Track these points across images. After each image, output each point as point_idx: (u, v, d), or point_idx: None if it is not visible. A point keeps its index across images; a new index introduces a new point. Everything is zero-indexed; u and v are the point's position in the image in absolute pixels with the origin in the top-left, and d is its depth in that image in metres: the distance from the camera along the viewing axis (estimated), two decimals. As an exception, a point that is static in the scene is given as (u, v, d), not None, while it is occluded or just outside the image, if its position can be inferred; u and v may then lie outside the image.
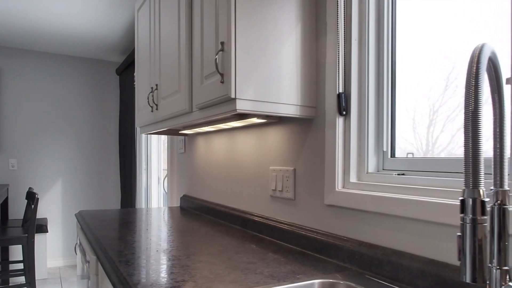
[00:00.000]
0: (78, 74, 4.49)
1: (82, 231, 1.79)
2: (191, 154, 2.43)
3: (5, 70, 4.11)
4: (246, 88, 1.16)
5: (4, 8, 3.03)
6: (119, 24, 3.37)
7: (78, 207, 4.53)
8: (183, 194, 2.54)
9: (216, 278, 0.99)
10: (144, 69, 2.08)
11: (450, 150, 1.07)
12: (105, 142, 4.66)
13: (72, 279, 4.03)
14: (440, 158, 1.04)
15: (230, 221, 1.82)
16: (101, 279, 1.32)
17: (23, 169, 4.22)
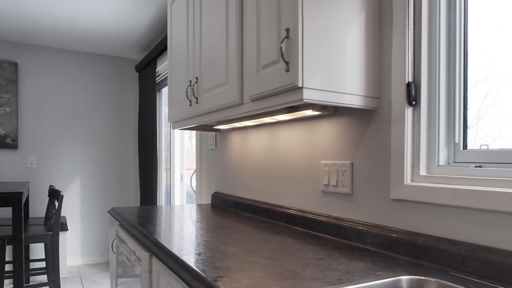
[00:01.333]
0: (97, 71, 4.46)
1: (123, 228, 1.74)
2: (223, 150, 2.38)
3: (23, 67, 4.09)
4: (312, 77, 1.11)
5: (26, 4, 3.00)
6: (142, 21, 3.33)
7: (96, 205, 4.50)
8: (214, 191, 2.50)
9: (292, 275, 0.94)
10: (180, 63, 2.04)
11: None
12: (123, 140, 4.63)
13: (92, 278, 4.00)
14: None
15: (274, 218, 1.77)
16: (156, 276, 1.27)
17: (42, 167, 4.19)
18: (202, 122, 1.84)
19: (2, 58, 3.98)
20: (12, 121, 3.99)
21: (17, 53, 4.05)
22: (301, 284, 0.87)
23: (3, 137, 3.95)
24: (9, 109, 3.97)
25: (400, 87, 1.17)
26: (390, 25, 1.22)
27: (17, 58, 4.05)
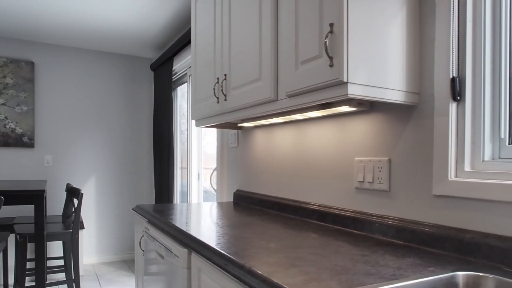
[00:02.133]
0: (111, 70, 4.47)
1: (153, 225, 1.74)
2: (246, 148, 2.38)
3: (40, 66, 4.11)
4: (357, 72, 1.11)
5: (42, 4, 3.01)
6: (159, 20, 3.33)
7: (111, 204, 4.51)
8: (236, 189, 2.49)
9: (345, 270, 0.94)
10: (206, 60, 2.04)
11: None
12: (137, 138, 4.64)
13: (108, 276, 4.02)
14: None
15: (303, 215, 1.76)
16: (196, 272, 1.27)
17: (58, 166, 4.21)
18: (230, 120, 1.83)
19: (19, 57, 4.00)
20: (29, 120, 4.01)
21: (34, 52, 4.07)
22: (358, 279, 0.86)
23: (20, 136, 3.97)
24: (26, 108, 3.99)
25: (444, 82, 1.16)
26: (432, 19, 1.21)
27: (33, 57, 4.07)
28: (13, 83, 3.94)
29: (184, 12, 3.19)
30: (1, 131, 3.90)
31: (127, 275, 4.04)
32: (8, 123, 3.93)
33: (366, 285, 0.82)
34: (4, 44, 3.95)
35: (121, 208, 4.59)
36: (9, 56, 3.96)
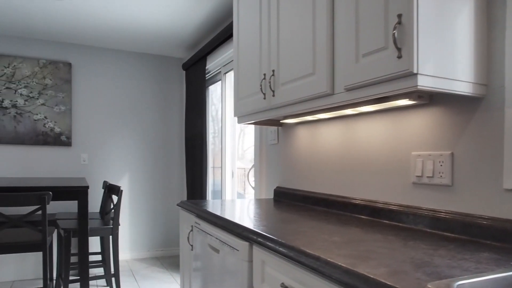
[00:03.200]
0: (144, 70, 4.55)
1: (204, 219, 1.76)
2: (287, 144, 2.37)
3: (77, 67, 4.21)
4: (426, 63, 1.09)
5: (79, 7, 3.08)
6: (194, 19, 3.36)
7: (143, 201, 4.59)
8: (276, 186, 2.49)
9: (424, 263, 0.92)
10: (250, 57, 2.05)
11: None
12: (168, 137, 4.70)
13: (143, 272, 4.08)
14: None
15: (353, 212, 1.74)
16: (259, 265, 1.27)
17: (93, 164, 4.31)
18: (277, 115, 1.84)
19: (58, 58, 4.11)
20: (67, 119, 4.11)
21: (71, 53, 4.18)
22: (443, 272, 0.85)
23: (59, 135, 4.08)
24: (64, 107, 4.10)
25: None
26: (502, 8, 1.18)
27: (71, 58, 4.18)
28: (52, 84, 4.05)
29: (218, 12, 3.21)
30: (41, 130, 4.02)
31: (160, 271, 4.10)
32: (47, 123, 4.04)
33: (454, 277, 0.80)
34: (44, 46, 4.06)
35: (153, 206, 4.66)
36: (48, 57, 4.08)
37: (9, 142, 3.92)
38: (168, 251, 4.75)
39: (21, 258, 3.78)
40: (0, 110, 3.88)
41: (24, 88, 3.96)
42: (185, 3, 3.05)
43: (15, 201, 2.45)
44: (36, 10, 3.25)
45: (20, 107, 3.95)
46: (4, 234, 2.72)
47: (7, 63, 3.89)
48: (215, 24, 3.49)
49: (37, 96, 4.00)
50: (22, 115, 3.96)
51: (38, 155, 4.06)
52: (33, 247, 2.57)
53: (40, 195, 2.49)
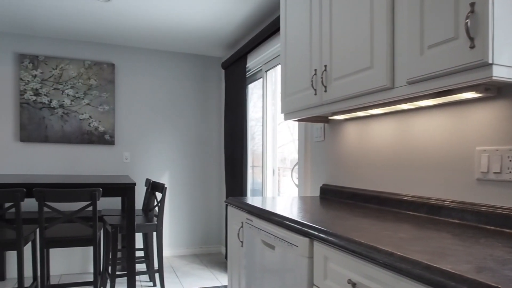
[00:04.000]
0: (183, 70, 4.62)
1: (257, 216, 1.76)
2: (334, 141, 2.34)
3: (119, 67, 4.33)
4: (502, 53, 1.04)
5: (123, 9, 3.16)
6: (235, 18, 3.38)
7: (183, 199, 4.66)
8: (323, 184, 2.47)
9: (506, 261, 0.88)
10: (299, 53, 2.03)
11: None
12: (207, 135, 4.76)
13: (183, 268, 4.14)
14: None
15: (409, 209, 1.70)
16: (322, 261, 1.26)
17: (135, 162, 4.42)
18: (329, 111, 1.81)
19: (102, 59, 4.25)
20: (110, 118, 4.24)
21: (114, 54, 4.30)
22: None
23: (103, 134, 4.21)
24: (108, 107, 4.23)
25: None
26: None
27: (114, 59, 4.30)
28: (97, 84, 4.19)
29: (260, 10, 3.21)
30: (86, 130, 4.16)
31: (200, 269, 4.15)
32: (92, 122, 4.18)
33: (548, 275, 0.76)
34: (89, 48, 4.21)
35: (192, 204, 4.73)
36: (93, 59, 4.22)
37: (57, 141, 4.08)
38: (207, 249, 4.81)
39: (69, 253, 3.93)
40: (49, 110, 4.04)
41: (71, 89, 4.11)
42: (228, 2, 3.07)
43: (68, 197, 2.54)
44: (83, 13, 3.37)
45: (67, 107, 4.10)
46: (58, 229, 2.83)
47: (55, 65, 4.05)
48: (257, 22, 3.50)
49: (82, 96, 4.15)
50: (69, 114, 4.11)
51: (83, 153, 4.21)
52: (84, 241, 2.66)
53: (91, 192, 2.57)
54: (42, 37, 4.06)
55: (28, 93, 3.98)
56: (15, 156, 4.00)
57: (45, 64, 4.02)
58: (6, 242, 2.49)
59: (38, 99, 4.01)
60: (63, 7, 3.24)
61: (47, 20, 3.56)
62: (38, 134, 4.02)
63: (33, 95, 3.99)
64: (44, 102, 4.03)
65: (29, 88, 3.98)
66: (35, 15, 3.44)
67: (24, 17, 3.50)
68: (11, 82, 3.97)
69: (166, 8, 3.22)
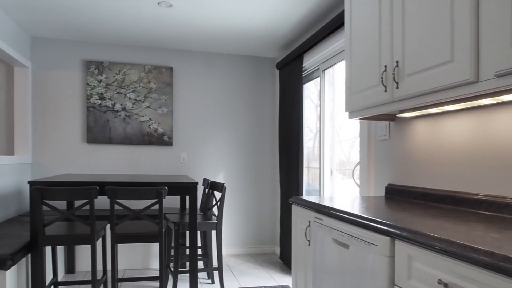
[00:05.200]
0: (238, 71, 4.70)
1: (328, 215, 1.75)
2: (401, 139, 2.28)
3: (177, 71, 4.48)
4: None
5: (180, 15, 3.25)
6: (292, 18, 3.38)
7: (237, 199, 4.73)
8: (388, 183, 2.40)
9: None
10: (367, 50, 2.00)
11: None
12: (261, 136, 4.80)
13: (239, 267, 4.19)
14: None
15: (489, 210, 1.61)
16: (405, 260, 1.23)
17: (191, 162, 4.55)
18: (401, 108, 1.77)
19: (161, 63, 4.42)
20: (168, 120, 4.39)
21: (172, 58, 4.46)
22: None
23: (161, 135, 4.37)
24: (166, 109, 4.38)
25: None
26: None
27: (172, 63, 4.46)
28: (156, 88, 4.36)
29: (316, 10, 3.19)
30: (146, 131, 4.34)
31: (256, 268, 4.18)
32: (151, 124, 4.35)
33: None
34: (149, 53, 4.39)
35: (246, 204, 4.78)
36: (152, 63, 4.40)
37: (120, 142, 4.28)
38: (261, 249, 4.84)
39: (132, 249, 4.10)
40: (112, 113, 4.26)
41: (132, 92, 4.30)
42: (285, 3, 3.08)
43: (136, 195, 2.66)
44: (145, 20, 3.52)
45: (128, 110, 4.30)
46: (126, 225, 2.96)
47: (118, 70, 4.26)
48: (313, 21, 3.48)
49: (143, 99, 4.33)
50: (130, 117, 4.30)
51: (143, 154, 4.39)
52: (151, 238, 2.76)
53: (158, 190, 2.68)
54: (107, 44, 4.28)
55: (94, 97, 4.21)
56: (83, 157, 4.25)
57: (109, 70, 4.24)
58: (81, 237, 2.64)
59: (103, 102, 4.23)
60: (127, 15, 3.40)
61: (112, 27, 3.76)
62: (103, 136, 4.24)
63: (98, 99, 4.22)
64: (108, 106, 4.25)
65: (95, 92, 4.21)
66: (101, 23, 3.64)
67: (91, 25, 3.71)
68: (79, 87, 4.23)
69: (225, 11, 3.29)
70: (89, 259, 3.95)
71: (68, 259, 3.82)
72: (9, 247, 2.55)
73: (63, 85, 4.20)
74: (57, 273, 3.05)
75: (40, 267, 2.63)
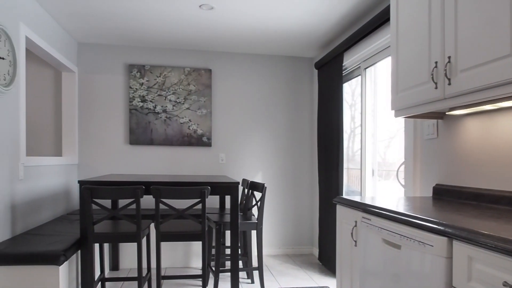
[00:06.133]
0: (275, 72, 4.70)
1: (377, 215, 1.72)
2: (450, 138, 2.20)
3: (216, 72, 4.54)
4: None
5: (227, 14, 3.29)
6: (331, 17, 3.35)
7: (275, 199, 4.73)
8: (436, 183, 2.33)
9: None
10: (415, 46, 1.95)
11: None
12: (299, 136, 4.78)
13: (278, 268, 4.19)
14: None
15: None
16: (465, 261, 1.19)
17: (230, 163, 4.59)
18: (453, 105, 1.71)
19: (200, 66, 4.50)
20: (207, 121, 4.46)
21: (211, 60, 4.53)
22: None
23: (201, 136, 4.45)
24: (205, 111, 4.45)
25: None
26: None
27: (211, 65, 4.53)
28: (195, 90, 4.44)
29: (357, 8, 3.14)
30: (186, 132, 4.42)
31: (295, 269, 4.16)
32: (191, 125, 4.43)
33: None
34: (189, 55, 4.48)
35: (284, 204, 4.77)
36: (192, 66, 4.48)
37: (161, 143, 4.39)
38: (299, 250, 4.81)
39: (172, 248, 4.19)
40: (153, 115, 4.37)
41: (172, 95, 4.40)
42: (325, 2, 3.06)
43: (180, 194, 2.72)
44: (186, 23, 3.59)
45: (169, 111, 4.40)
46: (169, 224, 3.03)
47: (159, 73, 4.37)
48: (354, 20, 3.43)
49: (182, 101, 4.42)
50: (171, 119, 4.40)
51: (183, 155, 4.48)
52: (194, 236, 2.81)
53: (201, 190, 2.72)
54: (148, 48, 4.41)
55: (136, 100, 4.34)
56: (125, 158, 4.39)
57: (150, 73, 4.36)
58: (128, 234, 2.73)
59: (144, 105, 4.36)
60: (169, 18, 3.49)
61: (154, 31, 3.86)
62: (144, 138, 4.36)
63: (140, 101, 4.35)
64: (150, 108, 4.36)
65: (137, 95, 4.34)
66: (143, 27, 3.75)
67: (133, 30, 3.83)
68: (122, 90, 4.37)
69: (264, 12, 3.30)
70: (132, 256, 4.07)
71: (113, 257, 3.95)
72: (61, 243, 2.66)
73: (107, 89, 4.36)
74: (104, 270, 3.16)
75: (90, 263, 2.73)
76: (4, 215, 2.71)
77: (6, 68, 2.67)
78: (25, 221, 3.06)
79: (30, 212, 3.16)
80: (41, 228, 3.15)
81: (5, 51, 2.66)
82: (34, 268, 2.47)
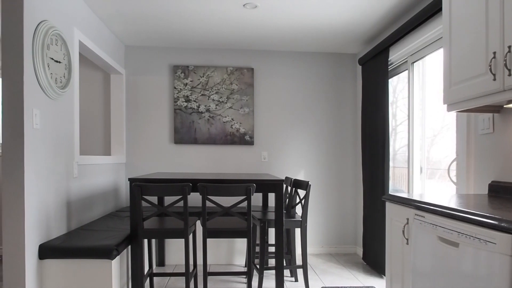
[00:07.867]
0: (317, 69, 4.66)
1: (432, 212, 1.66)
2: (508, 132, 2.09)
3: (258, 71, 4.57)
4: None
5: (271, 12, 3.30)
6: (375, 12, 3.28)
7: (317, 198, 4.68)
8: (492, 180, 2.22)
9: None
10: (471, 36, 1.86)
11: None
12: (342, 133, 4.71)
13: (321, 266, 4.15)
14: None
15: None
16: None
17: (272, 161, 4.60)
18: None
19: (243, 65, 4.54)
20: (250, 120, 4.49)
21: (253, 59, 4.56)
22: None
23: (243, 135, 4.49)
24: (248, 109, 4.49)
25: None
26: None
27: (253, 64, 4.56)
28: (238, 89, 4.48)
29: (403, 2, 3.06)
30: (229, 131, 4.48)
31: (338, 268, 4.11)
32: (234, 124, 4.48)
33: None
34: (231, 55, 4.54)
35: (327, 202, 4.72)
36: (234, 65, 4.53)
37: (204, 142, 4.47)
38: (342, 249, 4.74)
39: (216, 245, 4.26)
40: (197, 114, 4.46)
41: (215, 94, 4.47)
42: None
43: (226, 192, 2.75)
44: (229, 22, 3.64)
45: (212, 111, 4.47)
46: (215, 221, 3.08)
47: (202, 73, 4.46)
48: (400, 13, 3.34)
49: (225, 100, 4.48)
50: (214, 118, 4.47)
51: (226, 153, 4.54)
52: (240, 233, 2.84)
53: (247, 187, 2.74)
54: (192, 48, 4.51)
55: (180, 100, 4.45)
56: (170, 156, 4.51)
57: (194, 73, 4.45)
58: (176, 231, 2.80)
59: (188, 105, 4.45)
60: (213, 19, 3.55)
61: (197, 32, 3.94)
62: (188, 137, 4.46)
63: (184, 101, 4.45)
64: (193, 108, 4.46)
65: (181, 95, 4.45)
66: (187, 28, 3.83)
67: (178, 32, 3.93)
68: (167, 91, 4.50)
69: (307, 9, 3.28)
70: (178, 253, 4.17)
71: (159, 253, 4.07)
72: (113, 239, 2.78)
73: (152, 90, 4.50)
74: (152, 265, 3.27)
75: (140, 258, 2.83)
76: (61, 211, 2.87)
77: (62, 71, 2.83)
78: (79, 217, 3.22)
79: (84, 208, 3.32)
80: (94, 224, 3.30)
81: (61, 55, 2.81)
82: (89, 262, 2.60)
